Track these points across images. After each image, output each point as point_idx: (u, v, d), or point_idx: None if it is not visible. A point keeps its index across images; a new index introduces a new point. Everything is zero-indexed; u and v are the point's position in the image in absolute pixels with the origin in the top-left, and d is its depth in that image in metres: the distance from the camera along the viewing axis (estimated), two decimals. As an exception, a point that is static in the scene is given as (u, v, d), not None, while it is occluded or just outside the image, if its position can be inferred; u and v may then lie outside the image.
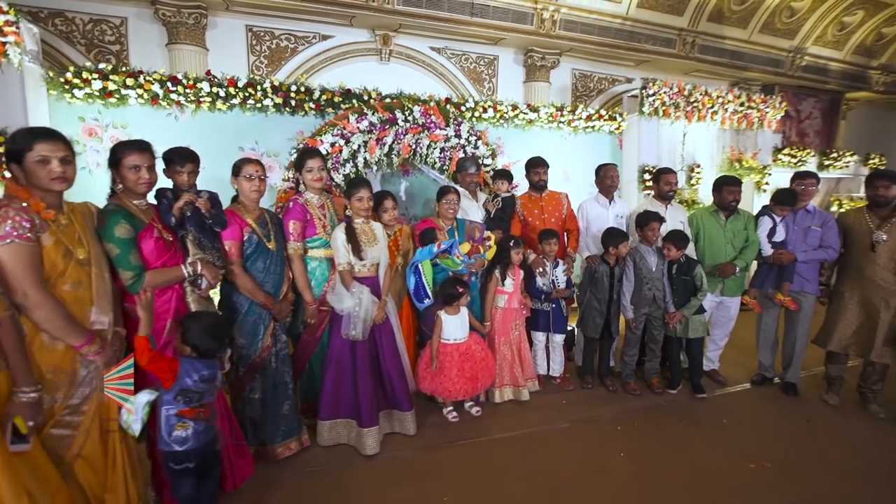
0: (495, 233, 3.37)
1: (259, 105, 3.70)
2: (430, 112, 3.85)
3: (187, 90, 3.48)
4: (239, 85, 3.61)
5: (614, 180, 3.84)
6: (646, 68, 7.55)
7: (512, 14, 6.15)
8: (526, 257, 3.41)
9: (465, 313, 3.03)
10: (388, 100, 4.00)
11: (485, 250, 3.17)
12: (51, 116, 3.28)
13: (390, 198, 3.01)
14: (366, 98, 3.97)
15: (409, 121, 3.76)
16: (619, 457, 2.69)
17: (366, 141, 3.64)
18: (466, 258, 3.02)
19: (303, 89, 3.80)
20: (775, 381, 3.61)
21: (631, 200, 4.83)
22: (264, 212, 2.55)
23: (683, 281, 3.32)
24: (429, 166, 4.09)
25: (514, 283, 3.27)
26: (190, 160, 2.24)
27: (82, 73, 3.24)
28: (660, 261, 3.39)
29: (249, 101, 3.66)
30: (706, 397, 3.40)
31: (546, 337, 3.54)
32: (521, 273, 3.34)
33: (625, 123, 5.23)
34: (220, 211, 2.30)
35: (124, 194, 1.98)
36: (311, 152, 2.74)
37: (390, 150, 3.78)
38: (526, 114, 4.75)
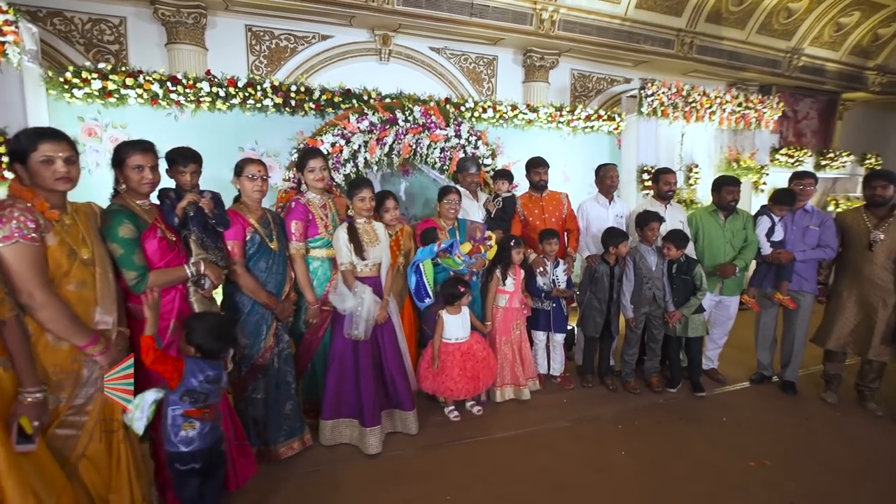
0: (496, 233, 3.37)
1: (259, 105, 3.70)
2: (431, 112, 3.85)
3: (187, 90, 3.48)
4: (239, 85, 3.61)
5: (614, 180, 3.86)
6: (644, 69, 7.58)
7: (511, 14, 6.16)
8: (526, 257, 3.42)
9: (467, 313, 3.03)
10: (388, 100, 4.01)
11: (486, 250, 3.18)
12: (50, 116, 3.27)
13: (392, 198, 3.01)
14: (366, 98, 3.97)
15: (410, 121, 3.77)
16: (620, 455, 2.70)
17: (366, 141, 3.65)
18: (467, 258, 3.03)
19: (303, 89, 3.80)
20: (774, 380, 3.64)
21: (630, 200, 4.84)
22: (266, 212, 2.55)
23: (683, 280, 3.34)
24: (429, 166, 4.10)
25: (514, 282, 3.28)
26: (193, 160, 2.23)
27: (82, 73, 3.24)
28: (659, 260, 3.40)
29: (249, 101, 3.66)
30: (706, 396, 3.42)
31: (546, 336, 3.55)
32: (522, 273, 3.35)
33: (623, 124, 5.25)
34: (222, 211, 2.30)
35: (127, 194, 1.98)
36: (312, 152, 2.74)
37: (391, 150, 3.78)
38: (525, 114, 4.76)
